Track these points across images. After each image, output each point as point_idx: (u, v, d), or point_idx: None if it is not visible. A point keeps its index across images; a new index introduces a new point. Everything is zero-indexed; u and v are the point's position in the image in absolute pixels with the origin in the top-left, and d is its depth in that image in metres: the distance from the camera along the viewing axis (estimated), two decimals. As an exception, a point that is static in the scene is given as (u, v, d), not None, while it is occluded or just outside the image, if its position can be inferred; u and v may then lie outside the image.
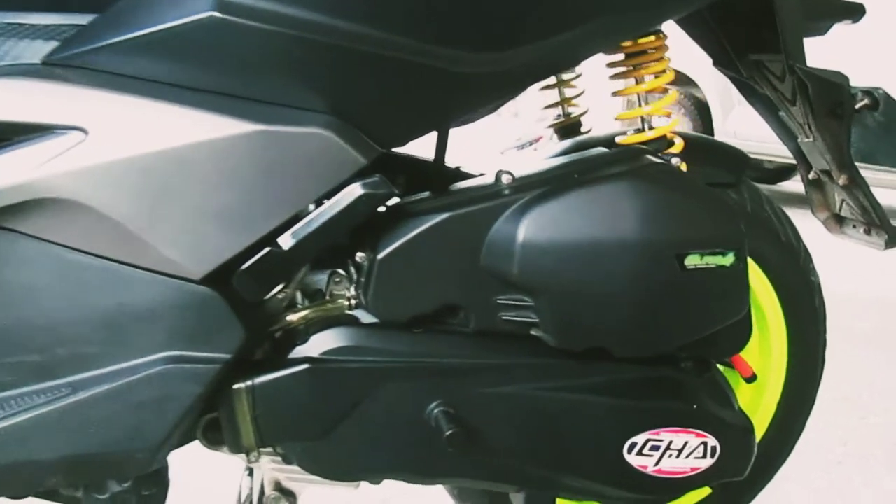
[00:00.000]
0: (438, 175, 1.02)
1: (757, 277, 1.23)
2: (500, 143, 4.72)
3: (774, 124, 1.30)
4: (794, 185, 5.78)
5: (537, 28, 0.82)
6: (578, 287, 0.87)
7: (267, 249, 0.82)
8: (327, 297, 0.96)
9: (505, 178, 0.91)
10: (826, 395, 2.13)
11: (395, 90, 0.83)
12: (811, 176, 1.32)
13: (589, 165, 0.92)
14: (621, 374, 0.95)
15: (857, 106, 1.22)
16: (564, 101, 1.25)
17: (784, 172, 5.38)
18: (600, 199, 0.87)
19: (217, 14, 0.77)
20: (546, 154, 1.08)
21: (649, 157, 0.93)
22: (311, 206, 0.86)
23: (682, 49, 1.24)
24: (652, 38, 1.02)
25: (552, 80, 1.24)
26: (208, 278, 0.82)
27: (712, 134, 4.54)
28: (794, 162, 1.28)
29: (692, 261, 0.88)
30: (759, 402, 1.30)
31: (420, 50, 0.80)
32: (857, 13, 1.20)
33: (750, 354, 1.27)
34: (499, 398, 0.93)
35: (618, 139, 1.06)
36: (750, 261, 1.22)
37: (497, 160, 1.01)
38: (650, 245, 0.86)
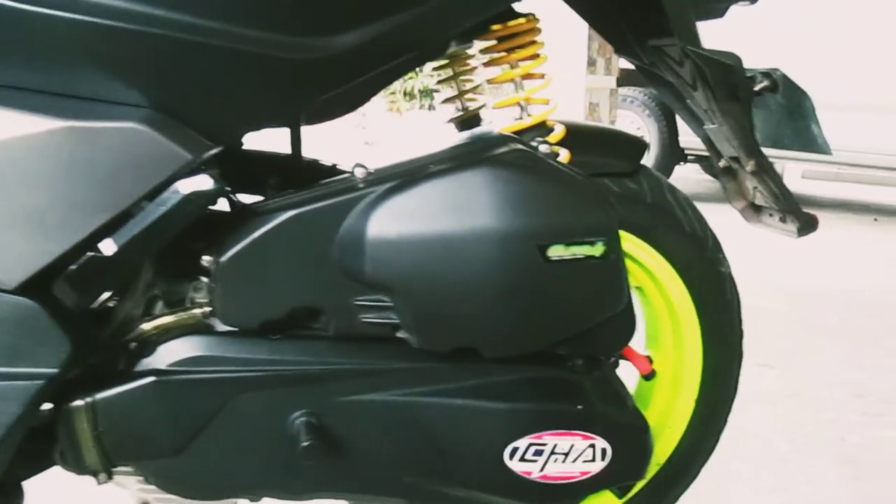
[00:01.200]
0: (309, 172, 0.97)
1: (664, 270, 1.18)
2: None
3: (682, 112, 1.26)
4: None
5: (368, 9, 0.77)
6: (435, 283, 0.82)
7: (88, 255, 0.77)
8: (187, 305, 0.91)
9: (359, 172, 0.86)
10: (779, 391, 2.10)
11: (221, 81, 0.78)
12: (722, 164, 1.28)
13: (447, 156, 0.87)
14: (498, 375, 0.90)
15: (756, 88, 1.18)
16: (461, 94, 1.20)
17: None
18: (453, 189, 0.82)
19: (4, 1, 0.71)
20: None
21: (513, 144, 0.88)
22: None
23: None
24: (522, 20, 0.97)
25: (449, 72, 1.20)
26: (25, 288, 0.76)
27: (677, 134, 4.52)
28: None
29: (556, 252, 0.83)
30: (676, 400, 1.24)
31: (243, 37, 0.75)
32: (752, -6, 1.16)
33: (663, 350, 1.22)
34: (367, 406, 0.88)
35: (497, 129, 1.01)
36: (655, 252, 1.18)
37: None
38: (507, 236, 0.81)
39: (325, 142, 1.01)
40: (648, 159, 4.93)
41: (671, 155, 4.79)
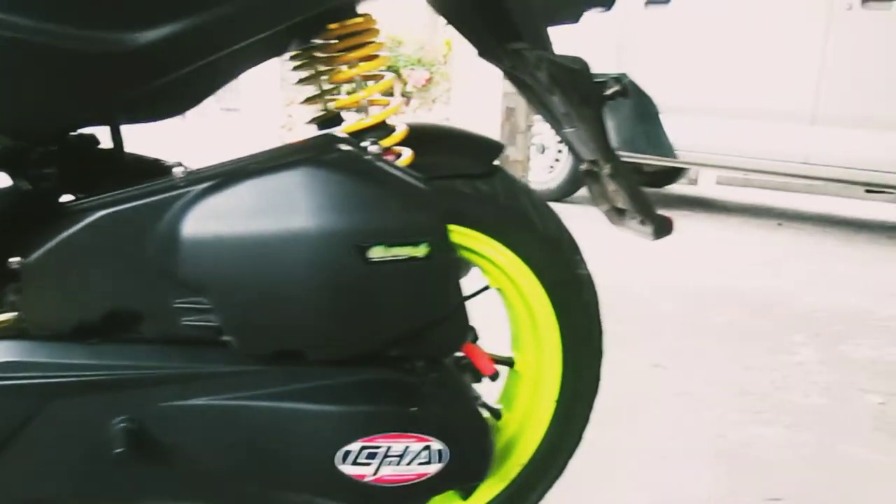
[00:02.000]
0: (139, 171, 0.94)
1: (521, 271, 1.19)
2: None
3: (545, 115, 1.28)
4: (681, 188, 5.94)
5: (167, 6, 0.75)
6: (252, 285, 0.81)
7: None
8: (5, 309, 0.87)
9: (177, 171, 0.84)
10: (668, 390, 2.14)
11: (9, 74, 0.75)
12: (584, 167, 1.30)
13: (268, 156, 0.85)
14: (330, 378, 0.89)
15: (608, 93, 1.20)
16: (324, 94, 1.19)
17: (668, 176, 5.48)
18: (270, 189, 0.81)
19: None
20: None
21: (337, 144, 0.87)
22: None
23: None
24: (360, 20, 0.96)
25: (311, 71, 1.19)
26: None
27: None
28: (676, 165, 1.25)
29: (377, 253, 0.82)
30: (537, 400, 1.26)
31: (32, 29, 0.72)
32: (607, 1, 1.18)
33: (525, 351, 1.23)
34: (192, 411, 0.86)
35: (339, 129, 1.00)
36: (511, 254, 1.18)
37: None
38: (324, 237, 0.80)
39: (251, 143, 0.98)
40: (566, 165, 4.99)
41: (588, 160, 4.84)
